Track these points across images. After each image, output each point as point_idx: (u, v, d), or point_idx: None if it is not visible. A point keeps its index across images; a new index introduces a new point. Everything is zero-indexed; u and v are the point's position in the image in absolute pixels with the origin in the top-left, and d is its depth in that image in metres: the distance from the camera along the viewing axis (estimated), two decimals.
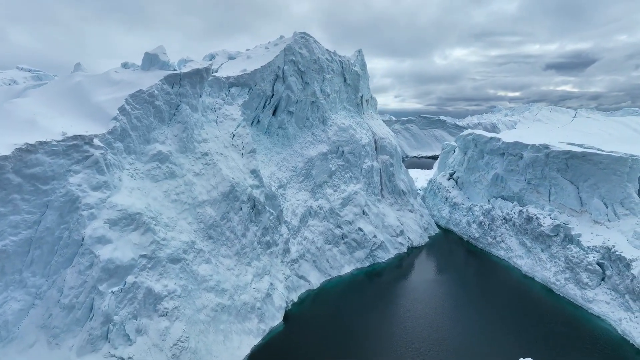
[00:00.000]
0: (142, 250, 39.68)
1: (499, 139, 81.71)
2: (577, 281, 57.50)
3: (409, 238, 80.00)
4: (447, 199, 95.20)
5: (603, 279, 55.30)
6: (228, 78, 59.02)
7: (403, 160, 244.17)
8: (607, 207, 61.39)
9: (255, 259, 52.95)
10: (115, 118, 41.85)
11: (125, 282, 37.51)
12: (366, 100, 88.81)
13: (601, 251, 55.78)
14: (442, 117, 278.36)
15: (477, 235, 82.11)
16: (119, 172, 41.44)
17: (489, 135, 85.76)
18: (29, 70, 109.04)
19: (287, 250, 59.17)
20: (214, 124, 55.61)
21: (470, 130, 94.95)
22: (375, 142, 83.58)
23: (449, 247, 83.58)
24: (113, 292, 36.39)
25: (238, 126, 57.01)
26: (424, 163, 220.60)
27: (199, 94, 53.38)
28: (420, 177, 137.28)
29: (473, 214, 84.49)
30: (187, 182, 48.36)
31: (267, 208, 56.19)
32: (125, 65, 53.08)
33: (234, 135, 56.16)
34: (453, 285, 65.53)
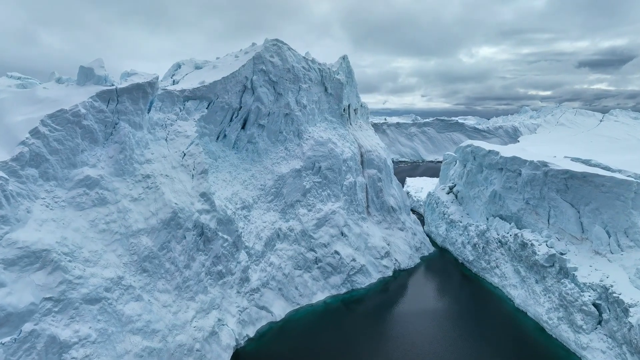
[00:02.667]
0: (48, 293, 35.25)
1: (497, 153, 74.42)
2: (571, 322, 50.25)
3: (395, 260, 73.73)
4: (444, 215, 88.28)
5: (600, 323, 47.95)
6: (183, 91, 54.33)
7: (419, 165, 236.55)
8: (609, 237, 53.81)
9: (202, 292, 48.05)
10: (23, 142, 37.59)
11: (21, 330, 33.15)
12: (354, 110, 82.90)
13: (598, 290, 48.41)
14: (460, 120, 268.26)
15: (471, 258, 75.10)
16: (27, 202, 37.16)
17: (487, 148, 78.46)
18: (18, 78, 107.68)
19: (245, 279, 54.09)
20: (163, 142, 51.03)
21: (469, 142, 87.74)
22: (362, 156, 77.63)
23: (441, 270, 76.80)
24: (2, 344, 32.06)
25: (191, 144, 52.26)
26: (440, 168, 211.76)
27: (144, 110, 48.87)
28: (427, 187, 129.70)
29: (468, 234, 77.45)
30: (122, 209, 43.84)
31: (220, 234, 51.21)
32: (59, 80, 49.20)
33: (185, 154, 51.43)
34: (438, 317, 59.08)
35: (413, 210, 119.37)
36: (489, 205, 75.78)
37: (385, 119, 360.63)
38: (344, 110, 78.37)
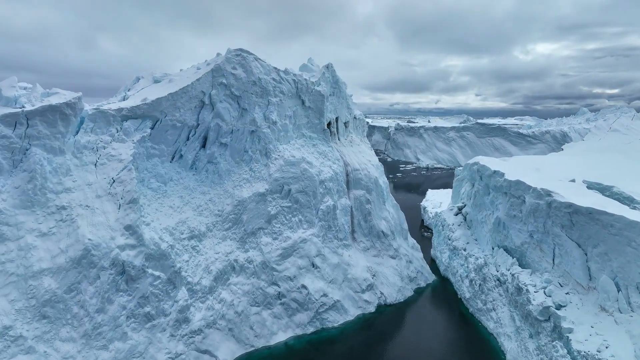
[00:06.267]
0: None
1: (502, 174, 64.14)
2: None
3: (381, 293, 65.39)
4: (449, 240, 78.52)
5: None
6: (120, 110, 49.38)
7: (454, 173, 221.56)
8: (619, 291, 43.18)
9: (119, 338, 42.69)
10: None
11: None
12: (345, 123, 75.16)
13: None
14: (502, 125, 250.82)
15: (467, 295, 65.38)
16: None
17: (493, 167, 68.16)
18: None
19: (184, 320, 48.26)
20: (91, 168, 46.27)
21: (477, 158, 77.47)
22: (347, 175, 69.83)
23: (434, 306, 67.40)
24: None
25: (123, 169, 47.12)
26: None
27: (65, 133, 44.31)
28: (447, 202, 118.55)
29: (467, 266, 67.67)
30: (23, 247, 39.39)
31: (150, 271, 45.66)
32: None
33: (114, 181, 46.37)
34: None
35: (427, 228, 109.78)
36: (494, 234, 65.70)
37: (429, 121, 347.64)
38: (330, 124, 70.96)
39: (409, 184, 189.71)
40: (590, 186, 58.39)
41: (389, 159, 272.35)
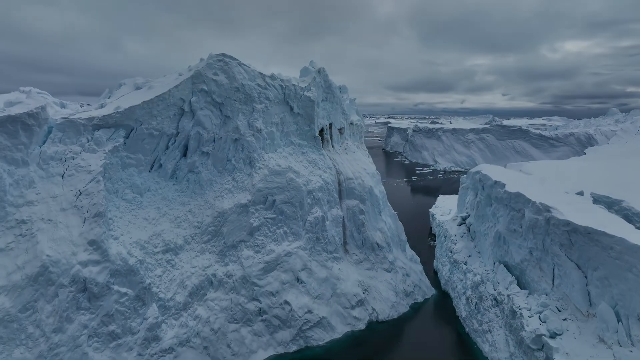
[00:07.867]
0: None
1: (503, 185, 60.01)
2: None
3: (373, 309, 62.07)
4: (450, 252, 74.45)
5: None
6: (90, 119, 47.70)
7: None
8: (619, 321, 38.88)
9: (78, 359, 40.84)
10: None
11: None
12: (340, 129, 72.00)
13: None
14: (528, 124, 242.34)
15: (464, 314, 61.38)
16: None
17: (495, 177, 63.91)
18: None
19: (153, 339, 46.18)
20: (57, 180, 44.69)
21: (480, 166, 73.17)
22: (340, 184, 66.70)
23: (429, 324, 63.46)
24: None
25: (91, 181, 45.37)
26: None
27: (28, 144, 42.83)
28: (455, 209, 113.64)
29: (465, 282, 63.63)
30: None
31: (116, 287, 43.74)
32: None
33: (80, 193, 44.65)
34: None
35: (435, 237, 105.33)
36: (494, 248, 61.58)
37: (450, 122, 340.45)
38: (323, 130, 67.99)
39: (425, 188, 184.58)
40: (598, 200, 53.81)
41: (406, 161, 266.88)
